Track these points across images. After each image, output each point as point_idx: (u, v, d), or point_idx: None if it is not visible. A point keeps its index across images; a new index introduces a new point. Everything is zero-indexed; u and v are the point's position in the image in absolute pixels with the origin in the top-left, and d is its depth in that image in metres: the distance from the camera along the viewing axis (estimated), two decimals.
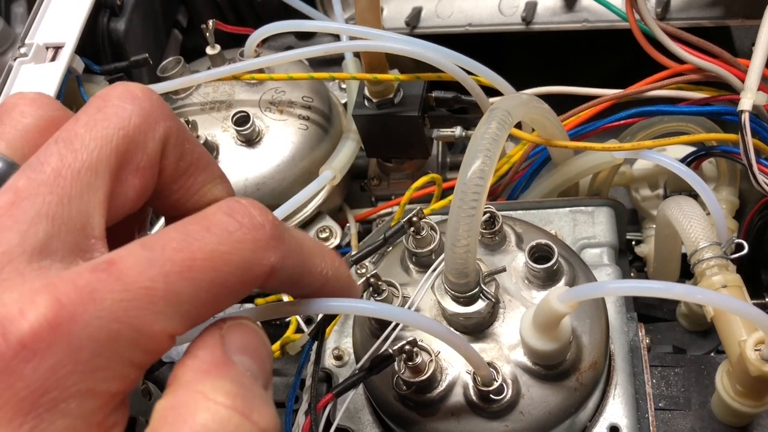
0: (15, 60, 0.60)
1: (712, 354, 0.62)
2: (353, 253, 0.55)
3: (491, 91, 0.62)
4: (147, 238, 0.28)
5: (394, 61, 0.61)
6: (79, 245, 0.28)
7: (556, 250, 0.47)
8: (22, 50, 0.60)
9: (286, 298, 0.58)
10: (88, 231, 0.29)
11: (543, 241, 0.47)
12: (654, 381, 0.55)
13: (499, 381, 0.44)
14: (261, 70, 0.63)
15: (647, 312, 0.66)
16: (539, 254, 0.48)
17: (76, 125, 0.30)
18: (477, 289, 0.45)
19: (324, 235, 0.65)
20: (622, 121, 0.62)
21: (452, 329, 0.45)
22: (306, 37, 0.84)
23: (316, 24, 0.67)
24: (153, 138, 0.31)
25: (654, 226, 0.69)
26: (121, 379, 0.27)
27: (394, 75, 0.60)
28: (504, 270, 0.46)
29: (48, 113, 0.33)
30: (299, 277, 0.32)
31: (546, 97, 0.55)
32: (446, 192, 0.63)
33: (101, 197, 0.29)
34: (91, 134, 0.30)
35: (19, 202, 0.28)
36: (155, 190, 0.33)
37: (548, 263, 0.47)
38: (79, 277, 0.26)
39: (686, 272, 0.62)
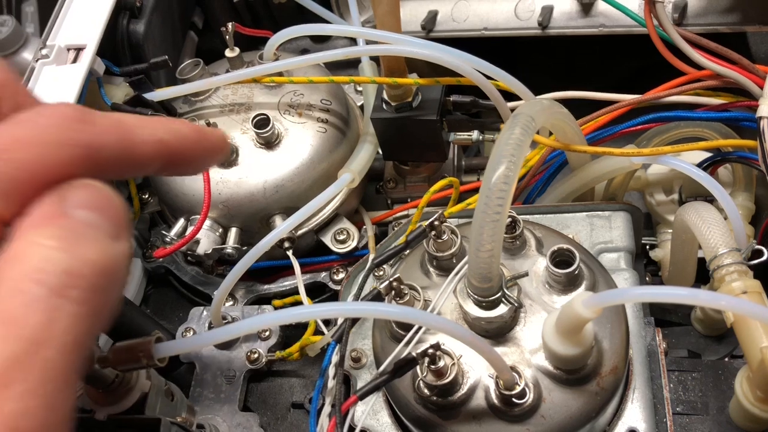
0: (37, 61, 0.60)
1: (727, 359, 0.62)
2: (375, 256, 0.55)
3: (509, 96, 0.62)
4: None
5: (409, 64, 0.61)
6: None
7: (577, 255, 0.47)
8: (44, 51, 0.61)
9: (305, 301, 0.59)
10: None
11: (564, 246, 0.48)
12: (671, 385, 0.55)
13: (522, 385, 0.44)
14: (280, 73, 0.64)
15: (662, 316, 0.66)
16: (560, 259, 0.48)
17: None
18: (500, 294, 0.45)
19: (341, 237, 0.65)
20: (639, 126, 0.62)
21: (475, 333, 0.46)
22: (321, 40, 0.85)
23: (337, 28, 0.67)
24: None
25: (669, 230, 0.69)
26: None
27: (413, 79, 0.60)
28: (526, 275, 0.47)
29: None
30: (129, 150, 0.33)
31: (562, 102, 0.56)
32: (463, 195, 0.64)
33: None
34: None
35: None
36: None
37: (569, 268, 0.47)
38: None
39: (700, 277, 0.63)
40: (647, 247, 0.72)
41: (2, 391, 0.25)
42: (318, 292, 0.67)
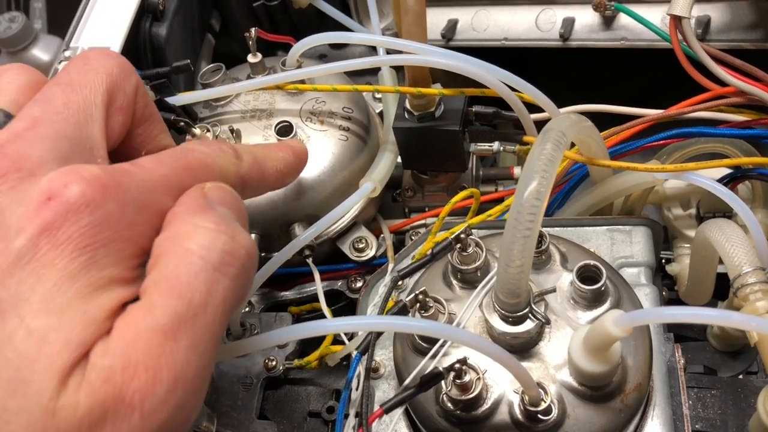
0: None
1: (741, 376, 0.62)
2: (398, 267, 0.55)
3: (530, 108, 0.62)
4: (152, 154, 0.37)
5: (429, 73, 0.61)
6: (92, 163, 0.34)
7: (604, 271, 0.47)
8: (67, 53, 0.61)
9: (326, 312, 0.58)
10: (95, 153, 0.36)
11: (591, 262, 0.48)
12: (690, 402, 0.55)
13: (548, 401, 0.44)
14: (303, 81, 0.63)
15: (678, 331, 0.66)
16: (587, 275, 0.48)
17: (69, 75, 0.38)
18: (527, 310, 0.45)
19: (360, 246, 0.65)
20: (662, 141, 0.62)
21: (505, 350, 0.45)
22: (340, 46, 0.84)
23: (360, 36, 0.67)
24: (129, 84, 0.39)
25: (686, 245, 0.69)
26: (149, 240, 0.33)
27: (437, 89, 0.60)
28: (554, 290, 0.47)
29: (35, 77, 0.39)
30: (262, 182, 0.43)
31: (584, 114, 0.56)
32: (482, 205, 0.64)
33: (100, 127, 0.37)
34: (85, 78, 0.37)
35: (38, 126, 0.34)
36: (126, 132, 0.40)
37: (596, 284, 0.47)
38: (111, 166, 0.34)
39: (718, 293, 0.63)
40: (663, 261, 0.72)
41: (173, 343, 0.30)
42: (335, 300, 0.67)
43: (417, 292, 0.47)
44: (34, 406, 0.28)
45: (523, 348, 0.47)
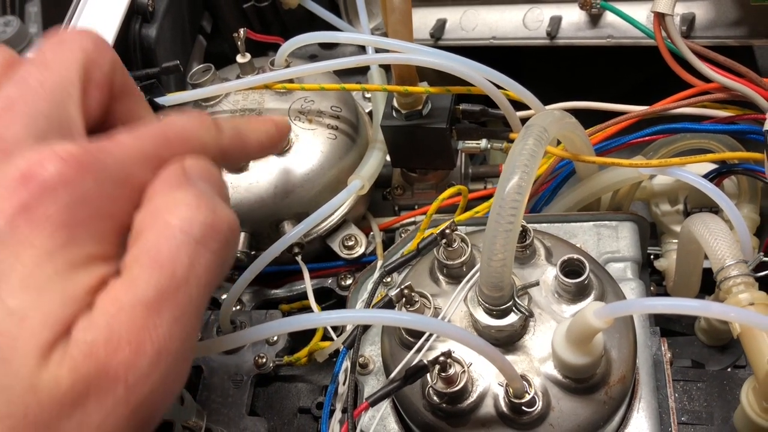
0: None
1: (729, 369, 0.63)
2: (385, 263, 0.56)
3: (517, 105, 0.63)
4: (127, 128, 0.36)
5: (417, 72, 0.62)
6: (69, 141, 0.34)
7: (587, 265, 0.48)
8: None
9: (315, 309, 0.59)
10: (73, 131, 0.35)
11: (575, 256, 0.48)
12: (677, 395, 0.55)
13: (532, 393, 0.44)
14: (291, 80, 0.64)
15: (666, 326, 0.66)
16: (570, 269, 0.48)
17: (44, 54, 0.37)
18: (510, 303, 0.45)
19: (349, 244, 0.66)
20: (647, 138, 0.62)
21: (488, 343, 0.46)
22: (330, 46, 0.85)
23: (349, 36, 0.68)
24: (105, 60, 0.39)
25: (674, 240, 0.70)
26: (128, 213, 0.33)
27: (424, 88, 0.60)
28: (537, 284, 0.47)
29: (7, 56, 0.38)
30: (242, 153, 0.42)
31: (571, 112, 0.56)
32: (470, 203, 0.64)
33: (77, 105, 0.36)
34: (60, 56, 0.37)
35: (14, 106, 0.34)
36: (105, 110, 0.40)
37: (579, 278, 0.48)
38: (88, 144, 0.33)
39: (705, 287, 0.64)
40: (651, 256, 0.72)
41: (155, 316, 0.30)
42: (324, 298, 0.67)
43: (403, 286, 0.47)
44: (15, 384, 0.28)
45: (507, 341, 0.48)
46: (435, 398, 0.46)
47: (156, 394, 0.30)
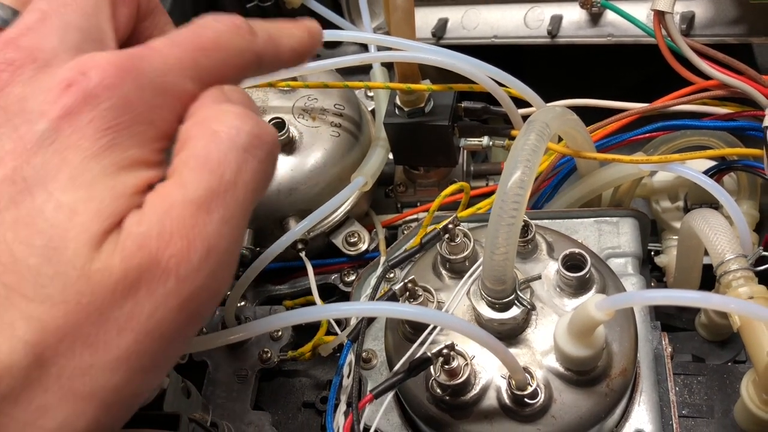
0: None
1: (730, 364, 0.63)
2: (389, 258, 0.56)
3: (519, 103, 0.63)
4: (164, 35, 0.36)
5: (419, 70, 0.62)
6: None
7: (588, 259, 0.48)
8: None
9: (318, 303, 0.60)
10: (106, 43, 0.36)
11: (576, 250, 0.49)
12: (677, 389, 0.56)
13: (534, 385, 0.45)
14: (295, 78, 0.65)
15: (667, 321, 0.67)
16: (572, 263, 0.49)
17: None
18: (513, 296, 0.46)
19: (353, 240, 0.66)
20: (647, 134, 0.63)
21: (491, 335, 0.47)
22: (333, 45, 0.86)
23: (351, 34, 0.68)
24: None
25: (674, 237, 0.70)
26: (169, 122, 0.34)
27: (426, 85, 0.61)
28: (539, 278, 0.48)
29: None
30: (277, 59, 0.41)
31: (572, 109, 0.57)
32: (472, 200, 0.65)
33: (108, 18, 0.36)
34: None
35: (47, 18, 0.34)
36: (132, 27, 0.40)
37: (581, 272, 0.48)
38: (126, 51, 0.33)
39: (705, 283, 0.64)
40: (652, 253, 0.73)
41: (205, 215, 0.31)
42: (328, 294, 0.68)
43: (406, 280, 0.48)
44: (69, 271, 0.29)
45: (510, 334, 0.48)
46: (438, 391, 0.47)
47: (204, 291, 0.31)
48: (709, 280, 0.61)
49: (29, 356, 0.28)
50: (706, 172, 0.62)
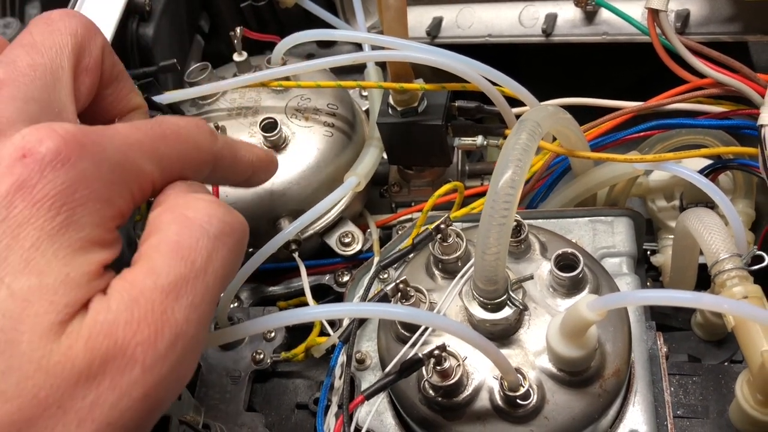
0: None
1: (726, 364, 0.63)
2: (381, 258, 0.56)
3: (513, 102, 0.63)
4: (123, 122, 0.38)
5: (413, 70, 0.62)
6: None
7: (581, 259, 0.48)
8: None
9: (311, 303, 0.59)
10: (64, 116, 0.35)
11: (569, 250, 0.48)
12: (672, 389, 0.56)
13: (526, 386, 0.45)
14: (287, 78, 0.64)
15: (663, 321, 0.66)
16: (565, 263, 0.49)
17: (32, 36, 0.36)
18: (505, 297, 0.46)
19: (346, 240, 0.66)
20: (642, 133, 0.63)
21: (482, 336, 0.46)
22: (327, 45, 0.85)
23: (344, 33, 0.68)
24: (95, 45, 0.39)
25: (670, 236, 0.70)
26: (126, 201, 0.33)
27: (419, 84, 0.61)
28: (531, 278, 0.47)
29: None
30: (233, 166, 0.42)
31: (566, 108, 0.57)
32: (467, 199, 0.65)
33: (68, 90, 0.36)
34: (49, 41, 0.36)
35: (4, 87, 0.34)
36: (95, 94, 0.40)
37: (573, 272, 0.48)
38: (85, 126, 0.33)
39: (701, 283, 0.64)
40: (648, 252, 0.72)
41: (174, 302, 0.31)
42: (322, 295, 0.67)
43: (397, 281, 0.47)
44: (24, 365, 0.28)
45: (503, 335, 0.48)
46: (431, 392, 0.46)
47: (169, 379, 0.31)
48: (705, 279, 0.61)
49: None
50: (701, 171, 0.62)
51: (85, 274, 0.30)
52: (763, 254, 0.53)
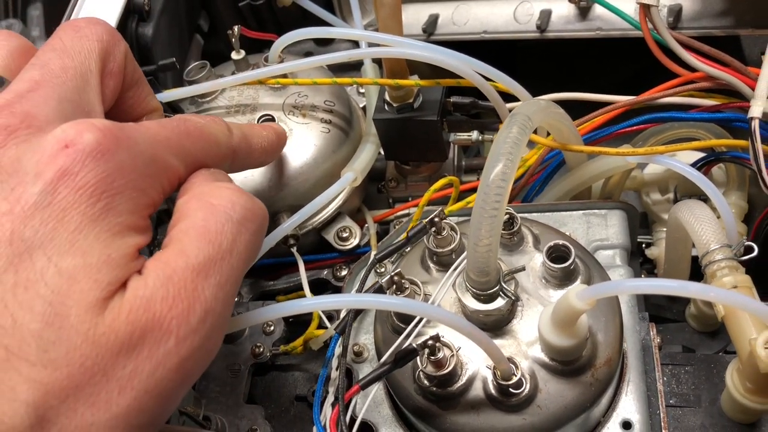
0: None
1: (720, 354, 0.64)
2: (377, 252, 0.57)
3: (507, 97, 0.64)
4: (151, 120, 0.41)
5: (410, 66, 0.63)
6: None
7: (573, 250, 0.49)
8: None
9: (308, 295, 0.60)
10: (95, 115, 0.37)
11: (560, 241, 0.49)
12: (665, 379, 0.56)
13: (519, 375, 0.46)
14: (285, 75, 0.65)
15: (657, 313, 0.67)
16: (556, 254, 0.50)
17: (62, 41, 0.39)
18: (497, 288, 0.47)
19: (344, 235, 0.67)
20: (634, 127, 0.63)
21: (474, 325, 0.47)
22: (325, 43, 0.86)
23: (340, 31, 0.69)
24: (119, 50, 0.41)
25: (664, 229, 0.70)
26: (157, 192, 0.36)
27: (414, 81, 0.61)
28: (523, 269, 0.48)
29: (23, 42, 0.41)
30: (248, 157, 0.46)
31: (560, 103, 0.57)
32: (463, 194, 0.65)
33: (96, 92, 0.39)
34: (78, 46, 0.39)
35: (40, 88, 0.36)
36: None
37: (565, 263, 0.49)
38: (118, 123, 0.35)
39: (695, 274, 0.64)
40: (643, 245, 0.73)
41: (204, 280, 0.34)
42: (321, 289, 0.68)
43: (392, 273, 0.48)
44: (72, 336, 0.30)
45: (496, 326, 0.49)
46: (425, 382, 0.47)
47: (200, 351, 0.33)
48: (699, 271, 0.61)
49: (31, 417, 0.29)
50: (694, 164, 0.63)
51: (124, 255, 0.33)
52: (753, 245, 0.53)
